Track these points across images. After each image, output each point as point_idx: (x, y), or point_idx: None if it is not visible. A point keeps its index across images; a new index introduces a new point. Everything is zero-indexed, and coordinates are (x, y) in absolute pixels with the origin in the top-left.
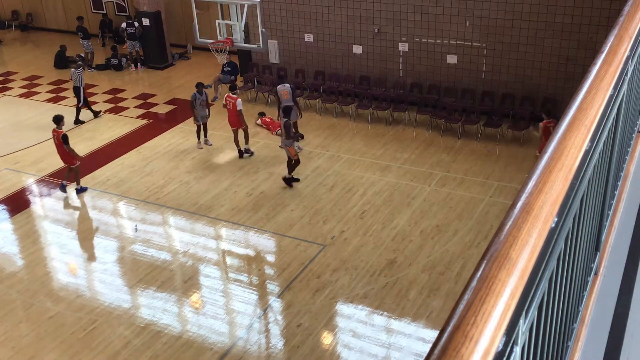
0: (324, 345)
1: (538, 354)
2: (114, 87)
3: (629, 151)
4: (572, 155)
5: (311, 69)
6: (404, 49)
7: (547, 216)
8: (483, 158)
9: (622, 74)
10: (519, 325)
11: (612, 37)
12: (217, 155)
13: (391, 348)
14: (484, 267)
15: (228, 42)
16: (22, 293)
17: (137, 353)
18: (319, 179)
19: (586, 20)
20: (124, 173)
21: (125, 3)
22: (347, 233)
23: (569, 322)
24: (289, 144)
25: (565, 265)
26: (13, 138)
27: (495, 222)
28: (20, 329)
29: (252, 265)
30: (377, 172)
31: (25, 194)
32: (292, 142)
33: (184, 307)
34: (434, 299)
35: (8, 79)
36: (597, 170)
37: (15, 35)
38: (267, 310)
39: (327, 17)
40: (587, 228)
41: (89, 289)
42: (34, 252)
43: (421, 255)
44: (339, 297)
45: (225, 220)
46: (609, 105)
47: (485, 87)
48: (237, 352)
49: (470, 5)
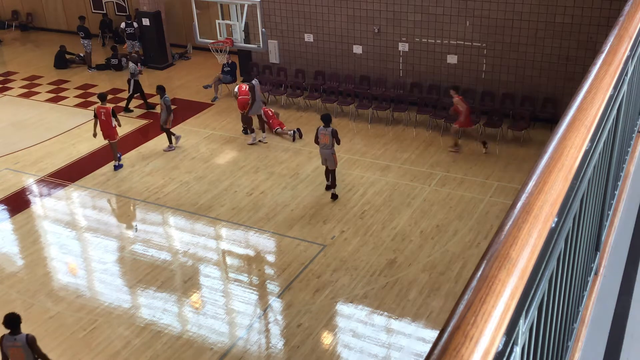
0: (324, 345)
1: (538, 354)
2: (114, 87)
3: (629, 151)
4: (572, 155)
5: (311, 69)
6: (404, 49)
7: (547, 216)
8: (483, 158)
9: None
10: (519, 325)
11: (612, 37)
12: (217, 155)
13: (391, 348)
14: (484, 267)
15: (228, 42)
16: (22, 293)
17: (137, 353)
18: (319, 179)
19: (586, 20)
20: (124, 173)
21: (125, 3)
22: (347, 233)
23: (569, 322)
24: (334, 152)
25: (565, 265)
26: (13, 138)
27: (495, 222)
28: (20, 329)
29: (252, 265)
30: (377, 172)
31: (25, 194)
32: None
33: (184, 307)
34: (434, 299)
35: (8, 79)
36: (597, 170)
37: (15, 35)
38: (267, 310)
39: (327, 17)
40: (587, 228)
41: (89, 289)
42: (34, 252)
43: (421, 255)
44: (339, 297)
45: (225, 220)
46: (609, 105)
47: (485, 87)
48: (237, 352)
49: (470, 5)
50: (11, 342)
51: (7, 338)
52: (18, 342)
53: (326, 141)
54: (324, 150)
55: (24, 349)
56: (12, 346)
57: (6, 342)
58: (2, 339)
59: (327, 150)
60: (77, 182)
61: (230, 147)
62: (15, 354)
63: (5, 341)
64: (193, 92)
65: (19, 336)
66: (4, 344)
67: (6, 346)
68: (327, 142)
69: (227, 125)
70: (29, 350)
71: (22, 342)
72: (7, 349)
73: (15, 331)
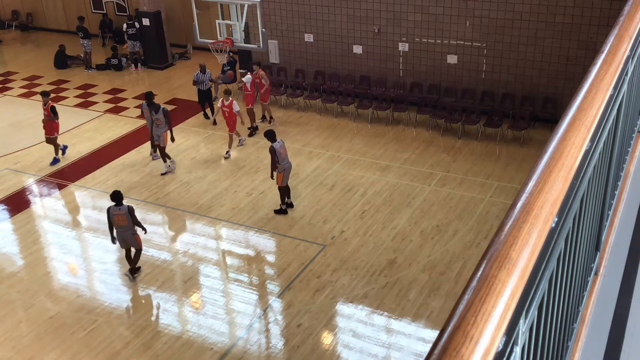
0: (324, 345)
1: (538, 354)
2: (114, 87)
3: (629, 151)
4: (572, 155)
5: (311, 69)
6: (404, 49)
7: (547, 216)
8: (483, 158)
9: (622, 74)
10: (519, 325)
11: (612, 37)
12: (217, 155)
13: (391, 348)
14: (484, 267)
15: (228, 42)
16: (22, 293)
17: (137, 353)
18: (319, 179)
19: (586, 20)
20: (124, 173)
21: (125, 3)
22: (347, 233)
23: (569, 322)
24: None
25: (565, 265)
26: (13, 138)
27: (495, 222)
28: (20, 329)
29: (252, 265)
30: (377, 172)
31: (25, 194)
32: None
33: (184, 307)
34: (434, 299)
35: (8, 79)
36: (597, 170)
37: (15, 35)
38: (267, 310)
39: (327, 17)
40: (587, 228)
41: (89, 289)
42: (34, 252)
43: (421, 255)
44: (339, 297)
45: (225, 220)
46: (609, 105)
47: (485, 87)
48: (237, 352)
49: (470, 5)
50: (117, 211)
51: (113, 208)
52: (122, 211)
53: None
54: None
55: (126, 215)
56: (117, 214)
57: (113, 210)
58: (109, 209)
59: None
60: (77, 182)
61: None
62: (119, 219)
63: (112, 210)
64: (193, 92)
65: (122, 206)
66: (111, 212)
67: (112, 214)
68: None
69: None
70: (129, 217)
71: (124, 211)
72: (112, 216)
73: (119, 203)
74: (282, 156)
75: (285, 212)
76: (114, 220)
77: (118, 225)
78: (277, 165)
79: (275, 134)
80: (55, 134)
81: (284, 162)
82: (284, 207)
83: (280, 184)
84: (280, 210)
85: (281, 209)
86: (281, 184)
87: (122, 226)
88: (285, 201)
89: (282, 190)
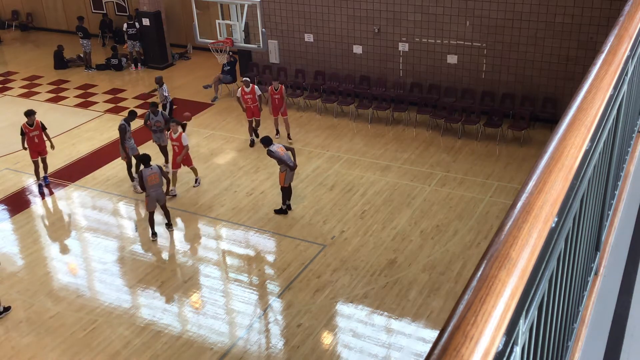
0: (324, 345)
1: (538, 354)
2: (114, 87)
3: (629, 151)
4: (572, 155)
5: (311, 69)
6: (404, 49)
7: (547, 216)
8: (483, 158)
9: (622, 74)
10: (519, 325)
11: (612, 37)
12: (217, 155)
13: (391, 348)
14: (484, 267)
15: (228, 42)
16: (22, 293)
17: (137, 353)
18: (319, 179)
19: (586, 20)
20: (124, 173)
21: (126, 3)
22: (347, 233)
23: (569, 322)
24: (282, 169)
25: (565, 265)
26: (13, 138)
27: (495, 222)
28: (20, 329)
29: (252, 265)
30: (377, 172)
31: (25, 194)
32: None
33: (184, 307)
34: (434, 299)
35: (8, 79)
36: (597, 170)
37: (15, 35)
38: (267, 310)
39: (327, 17)
40: (587, 228)
41: (89, 289)
42: (34, 252)
43: (421, 255)
44: (339, 297)
45: (225, 220)
46: (609, 105)
47: (485, 87)
48: (237, 352)
49: (470, 5)
50: (150, 171)
51: (145, 170)
52: (154, 170)
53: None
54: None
55: (158, 174)
56: (151, 174)
57: (145, 172)
58: (141, 172)
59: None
60: (77, 182)
61: (230, 147)
62: (153, 178)
63: (145, 173)
64: (193, 92)
65: (153, 166)
66: (145, 175)
67: (146, 175)
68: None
69: (227, 126)
70: (160, 175)
71: (156, 170)
72: (146, 177)
73: (149, 164)
74: (281, 155)
75: (286, 212)
76: (147, 181)
77: (150, 185)
78: (282, 163)
79: (271, 139)
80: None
81: (289, 161)
82: (284, 207)
83: (283, 184)
84: (281, 210)
85: (281, 209)
86: (284, 184)
87: (155, 185)
88: (286, 202)
89: (285, 190)
